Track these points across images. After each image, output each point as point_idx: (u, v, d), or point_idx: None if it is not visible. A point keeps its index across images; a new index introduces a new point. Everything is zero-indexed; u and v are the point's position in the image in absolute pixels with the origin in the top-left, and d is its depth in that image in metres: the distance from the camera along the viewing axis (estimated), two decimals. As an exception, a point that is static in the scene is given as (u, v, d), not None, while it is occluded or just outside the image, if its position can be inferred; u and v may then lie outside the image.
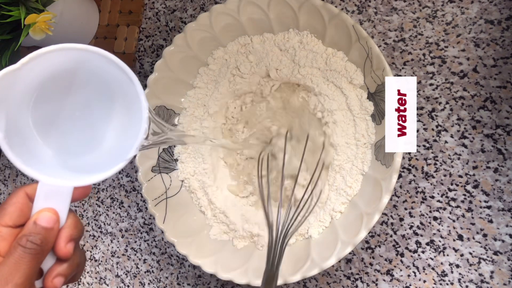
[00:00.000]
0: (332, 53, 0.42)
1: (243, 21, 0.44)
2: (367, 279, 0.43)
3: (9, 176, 0.65)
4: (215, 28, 0.44)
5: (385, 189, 0.35)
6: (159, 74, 0.45)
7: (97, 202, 0.58)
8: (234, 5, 0.42)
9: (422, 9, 0.43)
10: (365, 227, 0.35)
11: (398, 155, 0.35)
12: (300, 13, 0.41)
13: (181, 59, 0.45)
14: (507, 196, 0.39)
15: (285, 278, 0.38)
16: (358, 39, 0.38)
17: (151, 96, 0.45)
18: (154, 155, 0.46)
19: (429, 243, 0.41)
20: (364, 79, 0.40)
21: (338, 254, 0.36)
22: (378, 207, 0.35)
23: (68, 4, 0.51)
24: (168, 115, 0.47)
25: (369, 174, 0.39)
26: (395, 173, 0.35)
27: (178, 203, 0.46)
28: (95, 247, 0.57)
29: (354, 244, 0.35)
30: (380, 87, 0.38)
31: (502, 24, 0.40)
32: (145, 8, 0.57)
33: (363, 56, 0.39)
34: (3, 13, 0.42)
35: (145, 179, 0.45)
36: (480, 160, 0.40)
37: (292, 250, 0.41)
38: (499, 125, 0.40)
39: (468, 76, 0.41)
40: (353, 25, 0.38)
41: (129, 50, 0.56)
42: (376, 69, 0.38)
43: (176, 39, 0.44)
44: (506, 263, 0.38)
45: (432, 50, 0.43)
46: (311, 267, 0.37)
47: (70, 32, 0.55)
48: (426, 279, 0.41)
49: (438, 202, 0.41)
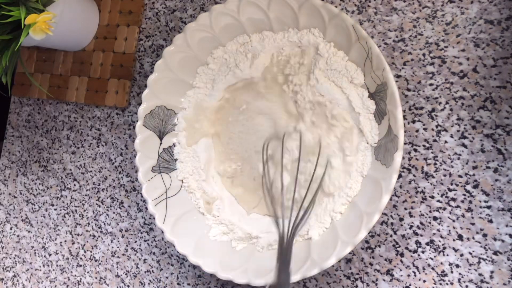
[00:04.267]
0: (333, 53, 0.42)
1: (243, 21, 0.44)
2: (367, 279, 0.43)
3: (9, 176, 0.65)
4: (215, 28, 0.44)
5: (385, 189, 0.35)
6: (159, 74, 0.45)
7: (97, 202, 0.58)
8: (234, 5, 0.42)
9: (422, 9, 0.43)
10: (365, 227, 0.35)
11: (398, 154, 0.35)
12: (300, 13, 0.41)
13: (181, 59, 0.45)
14: (507, 196, 0.39)
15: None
16: (358, 39, 0.38)
17: (151, 96, 0.45)
18: (154, 155, 0.46)
19: (429, 243, 0.41)
20: (364, 79, 0.40)
21: (338, 254, 0.36)
22: (378, 207, 0.35)
23: (68, 4, 0.51)
24: (168, 115, 0.47)
25: (369, 174, 0.39)
26: (395, 173, 0.35)
27: (178, 203, 0.46)
28: (95, 247, 0.57)
29: (354, 243, 0.35)
30: (380, 87, 0.38)
31: (502, 24, 0.40)
32: (145, 8, 0.57)
33: (363, 56, 0.39)
34: (3, 13, 0.42)
35: (145, 179, 0.45)
36: (480, 160, 0.40)
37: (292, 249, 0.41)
38: (499, 125, 0.40)
39: (468, 76, 0.41)
40: (353, 25, 0.38)
41: (129, 50, 0.56)
42: (376, 69, 0.38)
43: (176, 39, 0.44)
44: (506, 263, 0.38)
45: (432, 50, 0.43)
46: (311, 267, 0.37)
47: (70, 32, 0.55)
48: (426, 279, 0.41)
49: (438, 202, 0.41)
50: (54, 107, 0.62)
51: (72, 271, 0.58)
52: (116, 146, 0.57)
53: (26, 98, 0.65)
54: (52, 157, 0.61)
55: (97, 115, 0.59)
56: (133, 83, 0.57)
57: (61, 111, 0.61)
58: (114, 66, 0.57)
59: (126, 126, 0.57)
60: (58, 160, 0.61)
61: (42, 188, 0.62)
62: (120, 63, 0.57)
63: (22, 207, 0.63)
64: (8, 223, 0.64)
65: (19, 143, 0.64)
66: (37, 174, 0.62)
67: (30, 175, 0.63)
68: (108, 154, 0.57)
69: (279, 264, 0.34)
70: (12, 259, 0.63)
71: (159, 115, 0.46)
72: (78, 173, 0.59)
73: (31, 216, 0.62)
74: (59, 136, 0.61)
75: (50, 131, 0.62)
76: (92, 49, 0.59)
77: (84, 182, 0.59)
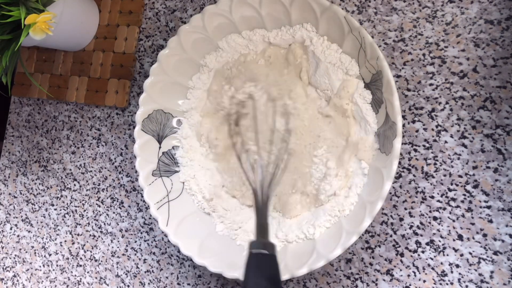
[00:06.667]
0: (327, 46, 0.42)
1: (235, 20, 0.44)
2: (367, 279, 0.43)
3: (9, 176, 0.65)
4: (208, 29, 0.44)
5: (387, 176, 0.36)
6: (155, 78, 0.45)
7: (97, 202, 0.58)
8: (226, 5, 0.43)
9: (422, 9, 0.43)
10: (369, 215, 0.36)
11: (397, 141, 0.36)
12: (292, 8, 0.41)
13: (176, 62, 0.45)
14: (507, 196, 0.39)
15: (292, 272, 0.37)
16: (351, 30, 0.39)
17: (148, 100, 0.45)
18: (154, 159, 0.46)
19: (429, 243, 0.41)
20: (359, 69, 0.41)
21: (343, 244, 0.36)
22: (381, 194, 0.35)
23: (68, 4, 0.51)
24: (166, 118, 0.47)
25: (370, 164, 0.40)
26: (395, 159, 0.35)
27: (180, 206, 0.45)
28: (95, 247, 0.57)
29: (359, 233, 0.36)
30: (375, 76, 0.38)
31: (502, 24, 0.40)
32: (145, 8, 0.57)
33: (357, 47, 0.39)
34: (3, 13, 0.42)
35: (146, 183, 0.45)
36: (480, 160, 0.40)
37: (296, 246, 0.41)
38: (499, 125, 0.40)
39: (468, 76, 0.41)
40: (345, 17, 0.38)
41: (129, 50, 0.56)
42: (370, 59, 0.38)
43: (170, 42, 0.44)
44: (506, 263, 0.38)
45: (432, 50, 0.43)
46: (317, 259, 0.37)
47: (70, 32, 0.55)
48: (426, 279, 0.41)
49: (438, 202, 0.41)
50: (54, 107, 0.62)
51: (72, 271, 0.58)
52: (116, 146, 0.57)
53: (26, 98, 0.65)
54: (52, 157, 0.61)
55: (97, 115, 0.59)
56: (133, 83, 0.57)
57: (61, 111, 0.61)
58: (114, 66, 0.57)
59: (126, 126, 0.57)
60: (58, 160, 0.61)
61: (42, 188, 0.62)
62: (120, 63, 0.57)
63: (22, 207, 0.63)
64: (8, 223, 0.64)
65: (19, 143, 0.65)
66: (37, 174, 0.62)
67: (30, 175, 0.63)
68: (108, 154, 0.57)
69: (256, 218, 0.35)
70: (12, 259, 0.63)
71: (157, 119, 0.46)
72: (78, 173, 0.59)
73: (31, 216, 0.62)
74: (59, 136, 0.61)
75: (50, 131, 0.62)
76: (92, 49, 0.59)
77: (84, 182, 0.59)
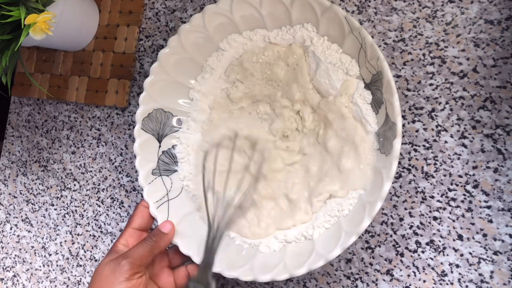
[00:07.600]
0: (327, 46, 0.42)
1: (236, 20, 0.44)
2: (367, 279, 0.43)
3: (9, 176, 0.65)
4: (209, 28, 0.44)
5: (386, 177, 0.36)
6: (155, 77, 0.45)
7: (97, 202, 0.58)
8: (227, 4, 0.43)
9: (422, 9, 0.43)
10: (368, 215, 0.36)
11: (397, 141, 0.35)
12: (293, 8, 0.41)
13: (176, 61, 0.45)
14: (507, 196, 0.39)
15: (291, 271, 0.37)
16: (351, 31, 0.39)
17: (148, 99, 0.45)
18: (154, 158, 0.46)
19: (429, 243, 0.41)
20: (359, 70, 0.41)
21: (342, 245, 0.36)
22: (380, 195, 0.35)
23: (68, 4, 0.51)
24: (166, 117, 0.47)
25: (370, 164, 0.40)
26: (395, 160, 0.35)
27: (180, 205, 0.45)
28: (95, 247, 0.57)
29: (358, 233, 0.35)
30: (375, 76, 0.38)
31: (502, 24, 0.40)
32: (145, 8, 0.57)
33: (357, 47, 0.39)
34: (3, 13, 0.42)
35: (145, 182, 0.45)
36: (480, 160, 0.40)
37: (296, 246, 0.41)
38: (499, 125, 0.40)
39: (468, 76, 0.41)
40: (345, 17, 0.38)
41: (129, 50, 0.56)
42: (370, 59, 0.38)
43: (171, 41, 0.44)
44: (506, 263, 0.38)
45: (432, 50, 0.43)
46: (316, 259, 0.37)
47: (70, 32, 0.55)
48: (426, 279, 0.41)
49: (438, 202, 0.41)
50: (54, 107, 0.62)
51: (72, 271, 0.58)
52: (116, 146, 0.57)
53: (26, 98, 0.65)
54: (52, 157, 0.61)
55: (97, 115, 0.59)
56: (133, 83, 0.57)
57: (61, 111, 0.61)
58: (114, 66, 0.57)
59: (126, 126, 0.57)
60: (58, 160, 0.61)
61: (42, 188, 0.62)
62: (120, 63, 0.57)
63: (22, 207, 0.63)
64: (8, 223, 0.64)
65: (19, 143, 0.64)
66: (37, 174, 0.62)
67: (30, 175, 0.63)
68: (108, 154, 0.57)
69: (204, 252, 0.38)
70: (12, 259, 0.63)
71: (157, 118, 0.46)
72: (78, 173, 0.59)
73: (31, 216, 0.62)
74: (59, 136, 0.61)
75: (50, 131, 0.62)
76: (92, 49, 0.59)
77: (84, 182, 0.59)
